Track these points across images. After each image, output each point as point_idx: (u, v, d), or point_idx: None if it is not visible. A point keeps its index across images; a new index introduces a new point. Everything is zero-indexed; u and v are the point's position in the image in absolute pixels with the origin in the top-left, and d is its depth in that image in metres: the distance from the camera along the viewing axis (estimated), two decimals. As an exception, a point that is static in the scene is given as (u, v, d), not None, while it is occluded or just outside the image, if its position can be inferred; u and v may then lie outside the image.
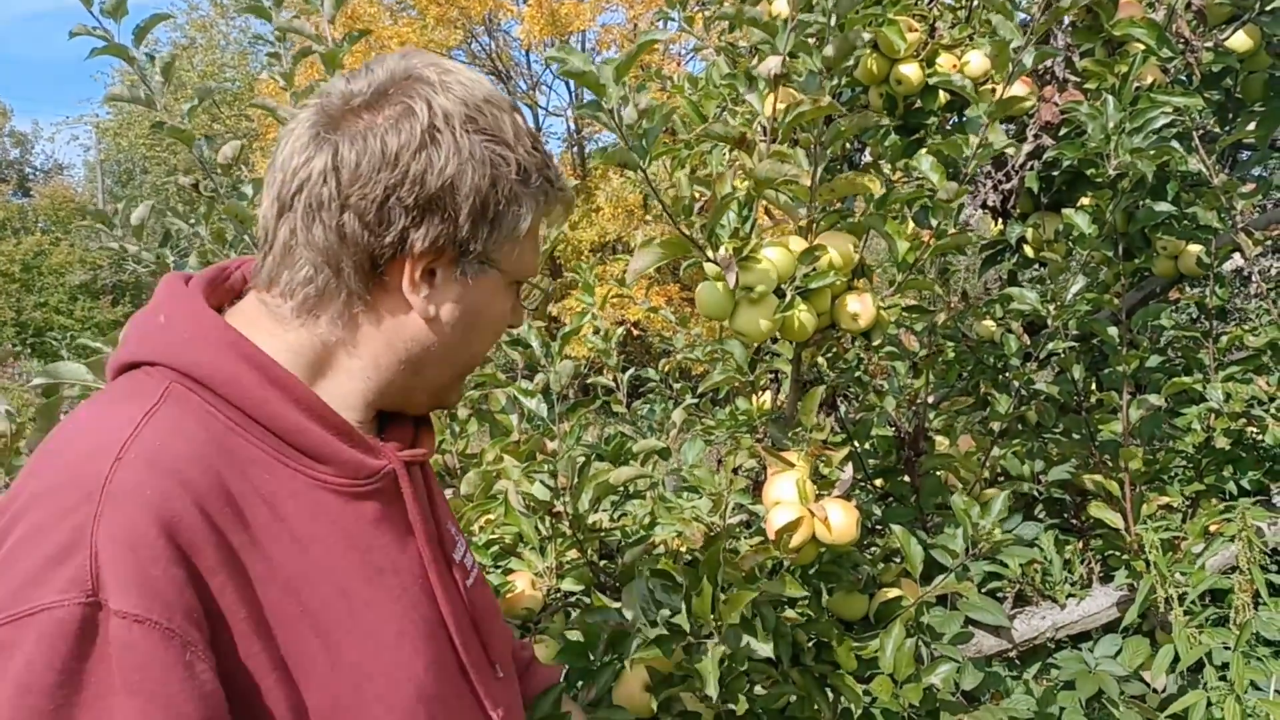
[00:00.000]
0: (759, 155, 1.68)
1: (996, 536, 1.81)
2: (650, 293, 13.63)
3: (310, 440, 0.91)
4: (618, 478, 1.70)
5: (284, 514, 0.88)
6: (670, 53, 15.43)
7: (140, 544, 0.75)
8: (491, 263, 0.96)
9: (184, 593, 0.76)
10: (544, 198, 0.98)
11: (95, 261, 23.62)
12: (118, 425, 0.83)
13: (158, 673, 0.73)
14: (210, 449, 0.85)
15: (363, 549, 0.93)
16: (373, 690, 0.88)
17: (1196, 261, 2.42)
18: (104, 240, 1.97)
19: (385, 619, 0.92)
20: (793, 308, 1.70)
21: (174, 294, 0.95)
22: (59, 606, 0.72)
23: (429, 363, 0.98)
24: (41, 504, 0.78)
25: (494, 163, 0.92)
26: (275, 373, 0.91)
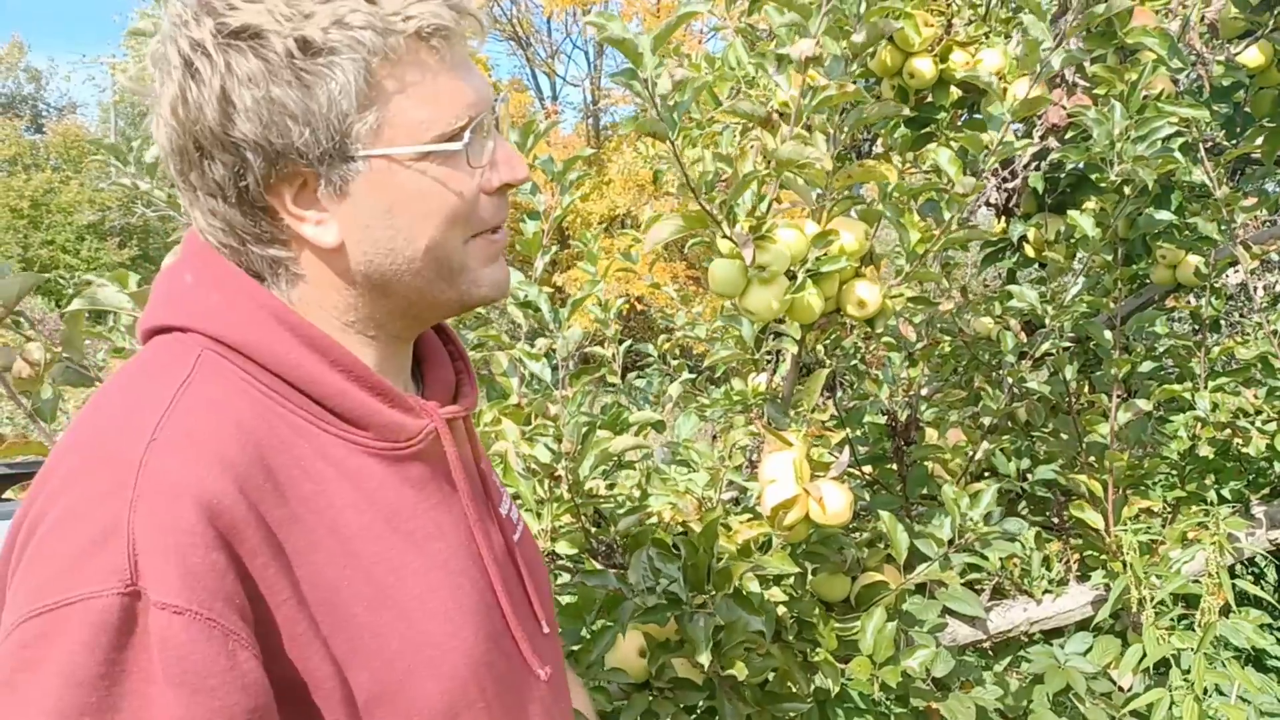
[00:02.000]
0: (781, 136, 1.70)
1: (983, 529, 1.85)
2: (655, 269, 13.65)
3: (350, 403, 0.87)
4: (617, 446, 1.74)
5: (325, 483, 0.84)
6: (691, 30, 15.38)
7: (178, 529, 0.72)
8: (353, 156, 0.83)
9: (225, 578, 0.73)
10: (361, 46, 0.80)
11: (105, 202, 23.60)
12: (151, 401, 0.79)
13: (199, 664, 0.70)
14: (247, 420, 0.81)
15: (407, 514, 0.89)
16: (421, 660, 0.85)
17: (1195, 272, 2.45)
18: (115, 177, 1.99)
19: (432, 586, 0.88)
20: (802, 289, 1.73)
21: (200, 253, 0.90)
22: (98, 597, 0.69)
23: (386, 278, 0.88)
24: (76, 487, 0.75)
25: (263, 58, 0.79)
26: (310, 334, 0.86)
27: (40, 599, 0.70)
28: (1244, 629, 2.15)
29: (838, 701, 1.80)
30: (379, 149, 0.83)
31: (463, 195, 0.87)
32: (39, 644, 0.69)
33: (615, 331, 2.61)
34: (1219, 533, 2.06)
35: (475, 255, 0.91)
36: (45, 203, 24.48)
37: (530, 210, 1.93)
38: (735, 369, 2.29)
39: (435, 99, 0.84)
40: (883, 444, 2.38)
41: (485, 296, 0.92)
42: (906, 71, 2.21)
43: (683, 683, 1.62)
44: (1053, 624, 2.27)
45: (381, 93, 0.82)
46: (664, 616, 1.53)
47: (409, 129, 0.84)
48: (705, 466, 1.89)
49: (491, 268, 0.92)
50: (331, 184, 0.84)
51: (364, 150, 0.83)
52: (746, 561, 1.57)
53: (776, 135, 1.71)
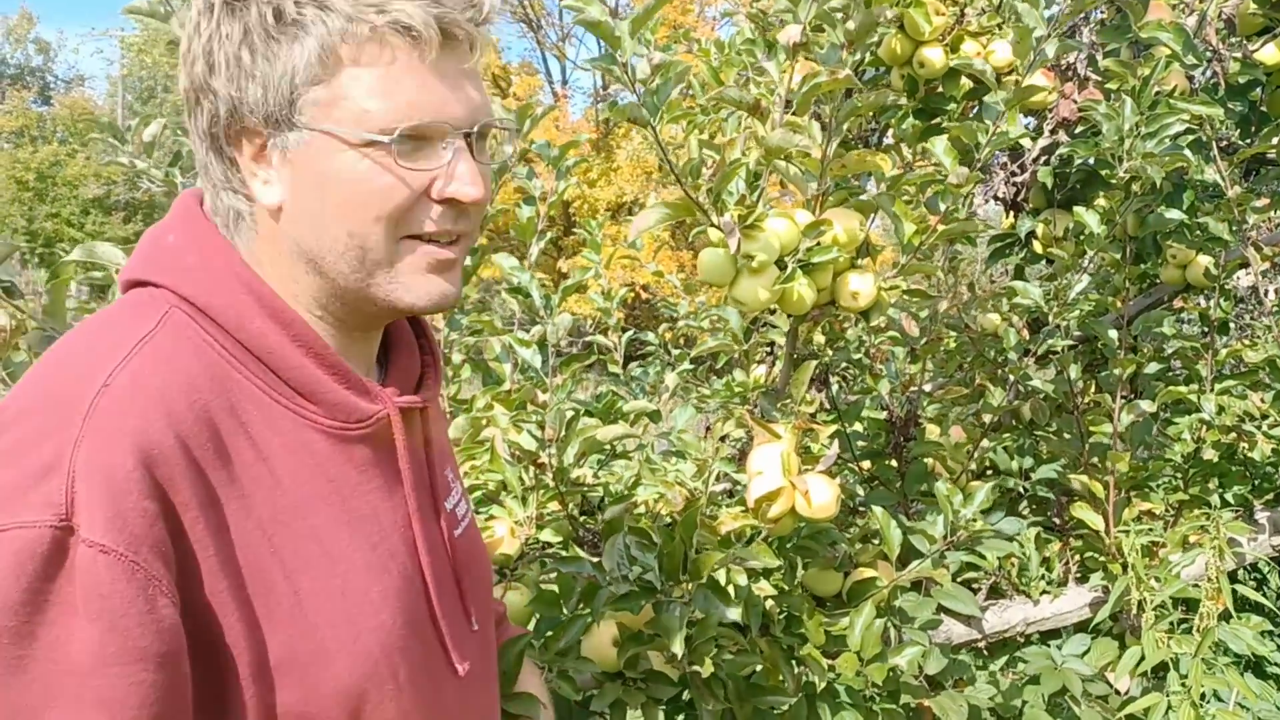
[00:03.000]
0: (771, 124, 1.68)
1: (976, 527, 1.82)
2: (660, 257, 13.62)
3: (304, 378, 0.90)
4: (605, 435, 1.71)
5: (268, 452, 0.87)
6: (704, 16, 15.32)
7: (116, 474, 0.75)
8: (296, 125, 0.87)
9: (154, 526, 0.76)
10: (325, 26, 0.85)
11: (110, 177, 23.63)
12: (111, 349, 0.82)
13: (118, 604, 0.73)
14: (201, 380, 0.84)
15: (344, 494, 0.92)
16: (335, 637, 0.87)
17: (1204, 273, 2.41)
18: (113, 155, 1.97)
19: (357, 566, 0.91)
20: (792, 280, 1.70)
21: (186, 216, 0.95)
22: (31, 527, 0.72)
23: (315, 254, 0.91)
24: (25, 423, 0.78)
25: (243, 21, 0.86)
26: (277, 306, 0.90)
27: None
28: (1244, 635, 2.12)
29: (825, 697, 1.78)
30: (322, 125, 0.87)
31: (393, 192, 0.88)
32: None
33: (618, 320, 2.59)
34: (1219, 537, 2.04)
35: (408, 259, 0.91)
36: (51, 175, 24.51)
37: (526, 195, 1.91)
38: (738, 360, 2.26)
39: (391, 94, 0.86)
40: (882, 439, 2.36)
41: (413, 305, 0.93)
42: (916, 61, 2.17)
43: (656, 675, 1.60)
44: (1050, 625, 2.25)
45: (337, 74, 0.86)
46: (637, 604, 1.51)
47: (355, 115, 0.86)
48: (694, 458, 1.86)
49: (427, 278, 0.92)
50: (278, 148, 0.88)
51: (306, 121, 0.87)
52: (723, 552, 1.54)
53: (766, 123, 1.68)
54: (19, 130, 27.01)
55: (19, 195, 23.95)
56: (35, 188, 24.24)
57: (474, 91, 0.92)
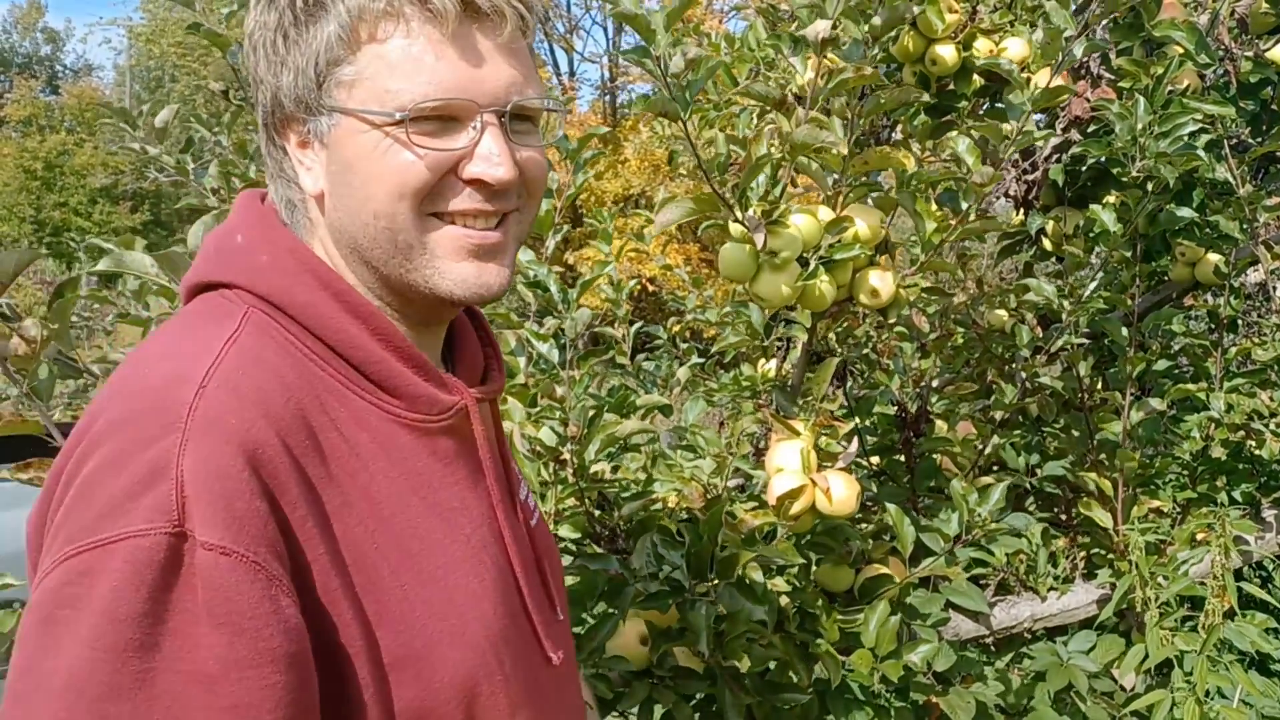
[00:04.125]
0: (796, 120, 1.68)
1: (991, 525, 1.83)
2: (669, 250, 13.60)
3: (386, 372, 0.89)
4: (624, 430, 1.72)
5: (359, 448, 0.86)
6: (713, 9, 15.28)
7: (226, 475, 0.74)
8: (329, 110, 0.87)
9: (268, 525, 0.75)
10: (342, 7, 0.85)
11: (118, 166, 23.64)
12: (200, 351, 0.81)
13: (244, 606, 0.72)
14: (290, 379, 0.84)
15: (435, 487, 0.91)
16: (443, 629, 0.86)
17: (1214, 270, 2.42)
18: (126, 141, 1.98)
19: (456, 559, 0.90)
20: (815, 277, 1.70)
21: (251, 213, 0.94)
22: (145, 535, 0.70)
23: (354, 240, 0.90)
24: (123, 431, 0.76)
25: (278, 9, 0.87)
26: (354, 300, 0.89)
27: (86, 536, 0.71)
28: (1249, 632, 2.13)
29: (838, 694, 1.79)
30: (347, 105, 0.86)
31: (412, 168, 0.86)
32: (83, 580, 0.70)
33: (626, 312, 2.59)
34: (1224, 534, 2.04)
35: (438, 242, 0.89)
36: (59, 165, 24.53)
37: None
38: (745, 354, 2.27)
39: (411, 73, 0.85)
40: (892, 435, 2.36)
41: (450, 291, 0.91)
42: (929, 58, 2.17)
43: (683, 671, 1.61)
44: (1057, 621, 2.26)
45: (358, 53, 0.86)
46: (665, 603, 1.52)
47: (378, 95, 0.85)
48: (712, 453, 1.87)
49: (461, 264, 0.90)
50: (316, 134, 0.89)
51: (333, 104, 0.87)
52: (751, 550, 1.55)
53: (792, 119, 1.68)
54: (27, 119, 27.04)
55: (27, 184, 23.98)
56: (43, 177, 24.27)
57: (509, 68, 0.89)
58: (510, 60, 0.89)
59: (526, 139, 0.92)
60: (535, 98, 0.91)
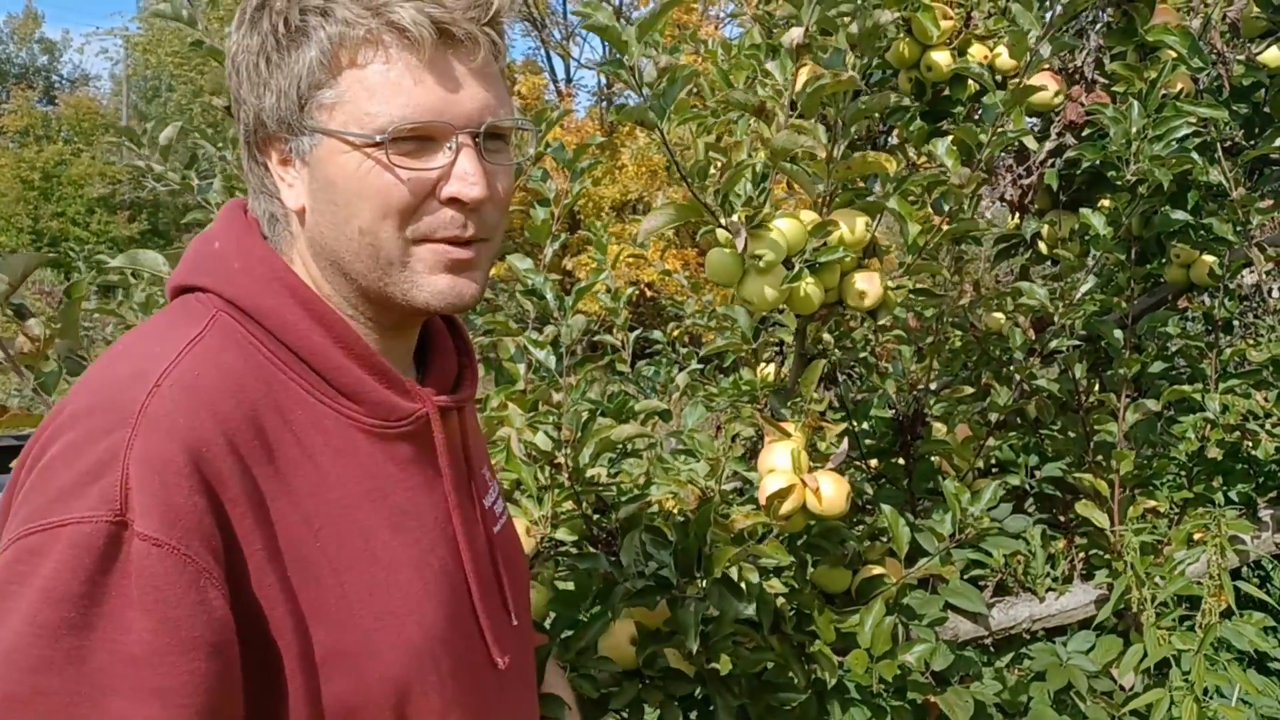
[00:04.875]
0: (777, 126, 1.70)
1: (984, 525, 1.84)
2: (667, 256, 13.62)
3: (346, 378, 0.93)
4: (619, 435, 1.73)
5: (313, 450, 0.89)
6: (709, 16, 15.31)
7: (167, 470, 0.78)
8: (311, 130, 0.91)
9: (204, 520, 0.79)
10: (323, 33, 0.88)
11: (115, 176, 23.67)
12: (160, 353, 0.85)
13: (171, 595, 0.76)
14: (248, 381, 0.87)
15: (387, 491, 0.94)
16: (381, 630, 0.89)
17: (1209, 272, 2.43)
18: (129, 158, 1.99)
19: (401, 562, 0.93)
20: (799, 280, 1.72)
21: (231, 222, 0.99)
22: (88, 521, 0.75)
23: (335, 254, 0.93)
24: (81, 423, 0.81)
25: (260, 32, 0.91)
26: (319, 309, 0.93)
27: (38, 518, 0.76)
28: (1246, 631, 2.14)
29: (835, 694, 1.80)
30: (327, 127, 0.90)
31: (394, 191, 0.90)
32: (30, 559, 0.75)
33: (624, 318, 2.61)
34: (1220, 534, 2.06)
35: (420, 258, 0.93)
36: (56, 175, 24.54)
37: (540, 197, 1.93)
38: (745, 359, 2.28)
39: (389, 96, 0.89)
40: (890, 438, 2.38)
41: (428, 303, 0.94)
42: (924, 64, 2.19)
43: (673, 673, 1.62)
44: (1056, 622, 2.27)
45: (339, 77, 0.89)
46: (653, 600, 1.53)
47: (357, 117, 0.89)
48: (706, 456, 1.88)
49: (439, 277, 0.94)
50: (298, 152, 0.93)
51: (314, 125, 0.91)
52: (736, 547, 1.56)
53: (772, 125, 1.70)
54: (24, 130, 27.06)
55: (24, 194, 23.98)
56: (40, 187, 24.28)
57: (482, 90, 0.93)
58: (483, 84, 0.93)
59: (498, 157, 0.96)
60: (507, 118, 0.95)
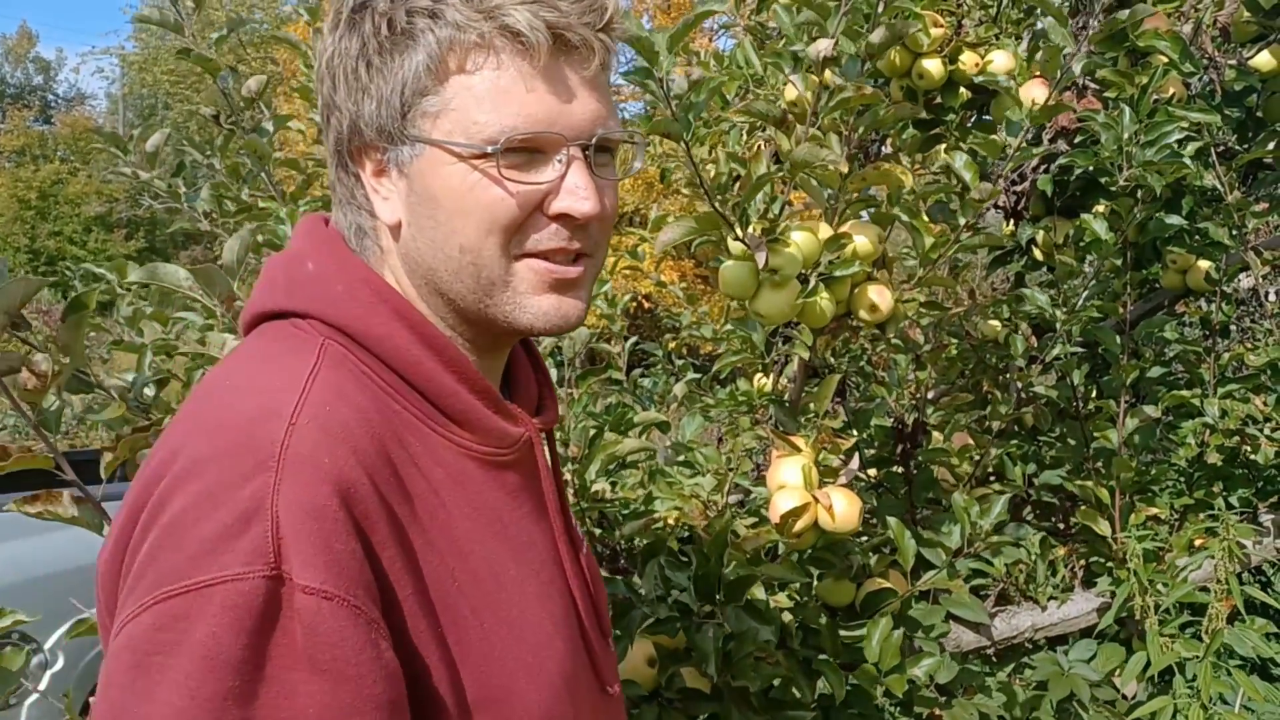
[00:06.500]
0: (797, 138, 1.69)
1: (993, 538, 1.83)
2: (664, 267, 13.62)
3: (460, 404, 0.87)
4: (623, 449, 1.73)
5: (436, 484, 0.84)
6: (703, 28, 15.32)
7: (323, 515, 0.72)
8: (412, 139, 0.85)
9: (364, 567, 0.73)
10: (432, 37, 0.83)
11: (112, 194, 23.68)
12: (284, 384, 0.79)
13: (347, 652, 0.69)
14: (371, 414, 0.81)
15: (506, 522, 0.89)
16: (520, 667, 0.84)
17: (1205, 277, 2.43)
18: (118, 167, 1.98)
19: (530, 595, 0.88)
20: (815, 294, 1.71)
21: (320, 240, 0.92)
22: (242, 579, 0.68)
23: (433, 273, 0.88)
24: (211, 468, 0.73)
25: (361, 36, 0.85)
26: (429, 332, 0.87)
27: (178, 579, 0.68)
28: (1250, 638, 2.13)
29: (842, 709, 1.79)
30: (432, 136, 0.84)
31: (501, 204, 0.85)
32: (178, 625, 0.67)
33: (621, 329, 2.60)
34: (1229, 538, 2.05)
35: (522, 277, 0.87)
36: (53, 194, 24.54)
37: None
38: (741, 370, 2.28)
39: (500, 105, 0.83)
40: (889, 447, 2.37)
41: (530, 325, 0.89)
42: (916, 72, 2.19)
43: (691, 693, 1.61)
44: (1058, 631, 2.26)
45: (446, 84, 0.84)
46: (674, 628, 1.52)
47: (465, 126, 0.84)
48: (712, 470, 1.87)
49: (542, 297, 0.88)
50: (396, 163, 0.87)
51: (417, 134, 0.85)
52: (757, 571, 1.55)
53: (791, 136, 1.69)
54: (20, 149, 27.07)
55: (21, 214, 23.98)
56: (37, 206, 24.27)
57: (595, 101, 0.87)
58: (595, 94, 0.88)
59: (606, 171, 0.91)
60: (617, 130, 0.90)
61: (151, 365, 1.55)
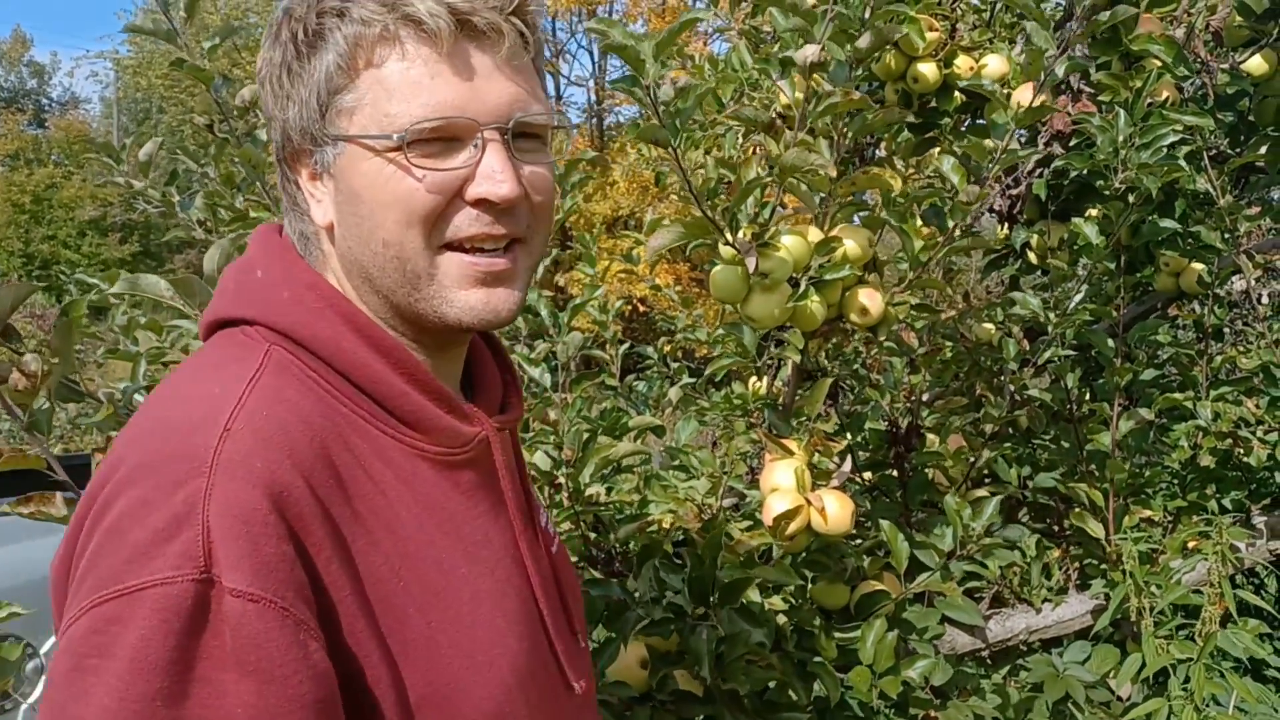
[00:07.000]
0: (785, 143, 1.69)
1: (986, 540, 1.83)
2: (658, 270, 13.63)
3: (410, 406, 0.88)
4: (618, 453, 1.73)
5: (383, 484, 0.85)
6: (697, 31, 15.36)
7: (252, 519, 0.73)
8: (333, 139, 0.86)
9: (295, 569, 0.74)
10: (339, 34, 0.84)
11: (106, 198, 23.64)
12: (223, 394, 0.80)
13: (273, 652, 0.71)
14: (314, 417, 0.82)
15: (459, 521, 0.90)
16: (469, 666, 0.85)
17: (1198, 280, 2.44)
18: (112, 175, 1.98)
19: (481, 594, 0.88)
20: (806, 297, 1.72)
21: (269, 247, 0.93)
22: (172, 583, 0.69)
23: (365, 269, 0.89)
24: (148, 476, 0.75)
25: (282, 43, 0.87)
26: (376, 334, 0.88)
27: (113, 583, 0.70)
28: (1242, 639, 2.14)
29: (837, 711, 1.79)
30: (349, 133, 0.86)
31: (416, 195, 0.85)
32: (110, 629, 0.69)
33: (615, 333, 2.60)
34: (1222, 541, 2.05)
35: (446, 270, 0.87)
36: (47, 198, 24.52)
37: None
38: (735, 373, 2.28)
39: (409, 94, 0.84)
40: (883, 450, 2.37)
41: (458, 319, 0.89)
42: (910, 76, 2.20)
43: (684, 695, 1.61)
44: (1052, 633, 2.26)
45: (357, 79, 0.85)
46: (668, 630, 1.52)
47: (378, 119, 0.85)
48: (707, 474, 1.88)
49: (469, 292, 0.88)
50: (322, 164, 0.88)
51: (335, 133, 0.86)
52: (752, 574, 1.55)
53: (780, 141, 1.69)
54: (14, 154, 27.04)
55: (15, 218, 23.96)
56: (31, 210, 24.26)
57: (510, 84, 0.87)
58: (512, 76, 0.87)
59: (533, 156, 0.90)
60: (540, 114, 0.89)
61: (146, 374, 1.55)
